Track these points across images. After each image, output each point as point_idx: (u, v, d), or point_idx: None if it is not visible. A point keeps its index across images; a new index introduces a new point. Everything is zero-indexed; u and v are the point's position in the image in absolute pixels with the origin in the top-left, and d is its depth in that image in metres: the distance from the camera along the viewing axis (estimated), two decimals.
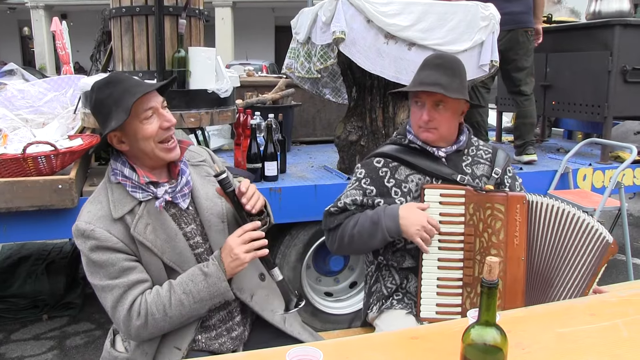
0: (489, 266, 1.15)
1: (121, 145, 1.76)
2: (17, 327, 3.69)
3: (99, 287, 1.71)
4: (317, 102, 4.78)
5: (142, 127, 1.72)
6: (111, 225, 1.70)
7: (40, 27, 22.67)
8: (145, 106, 1.72)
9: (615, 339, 1.55)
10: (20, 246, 4.30)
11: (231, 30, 22.45)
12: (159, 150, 1.75)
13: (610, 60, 4.08)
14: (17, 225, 2.76)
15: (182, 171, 1.84)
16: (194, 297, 1.69)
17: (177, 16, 2.98)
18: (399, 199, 2.08)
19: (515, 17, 3.97)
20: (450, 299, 2.01)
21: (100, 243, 1.68)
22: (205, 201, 1.88)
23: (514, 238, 1.97)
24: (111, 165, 1.79)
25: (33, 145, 2.71)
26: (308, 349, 1.34)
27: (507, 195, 1.98)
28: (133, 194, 1.75)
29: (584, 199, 3.67)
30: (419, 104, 2.09)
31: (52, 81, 4.05)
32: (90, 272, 1.72)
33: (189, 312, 1.71)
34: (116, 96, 1.70)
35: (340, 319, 3.52)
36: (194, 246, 1.83)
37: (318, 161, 4.02)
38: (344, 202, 2.12)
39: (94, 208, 1.74)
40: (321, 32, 3.11)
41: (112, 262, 1.68)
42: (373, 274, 2.26)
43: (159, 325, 1.69)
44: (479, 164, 2.19)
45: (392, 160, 2.14)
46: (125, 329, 1.70)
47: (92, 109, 1.79)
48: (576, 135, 5.82)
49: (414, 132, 2.15)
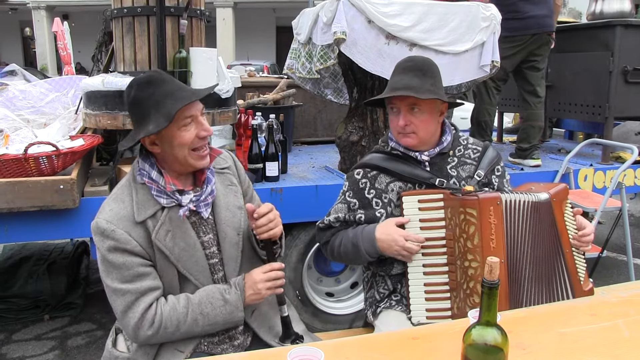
0: (489, 266, 1.14)
1: (153, 147, 1.74)
2: (19, 327, 3.69)
3: (111, 289, 1.69)
4: (318, 102, 4.78)
5: (179, 134, 1.70)
6: (132, 228, 1.68)
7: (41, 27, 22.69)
8: (187, 113, 1.69)
9: (616, 339, 1.55)
10: (22, 246, 4.30)
11: (232, 31, 22.46)
12: (191, 158, 1.74)
13: (611, 60, 4.08)
14: (19, 225, 2.77)
15: (208, 180, 1.82)
16: (209, 319, 1.71)
17: (179, 17, 2.98)
18: (380, 211, 2.08)
19: (540, 20, 3.98)
20: (439, 304, 1.99)
21: (119, 244, 1.66)
22: (225, 211, 1.87)
23: (489, 242, 1.89)
24: (138, 165, 1.77)
25: (34, 146, 2.72)
26: (309, 349, 1.34)
27: (479, 199, 1.90)
28: (157, 198, 1.73)
29: (585, 199, 3.67)
30: (395, 110, 2.08)
31: (54, 82, 4.05)
32: (104, 270, 1.70)
33: (200, 331, 1.73)
34: (157, 98, 1.67)
35: (341, 319, 3.52)
36: (209, 256, 1.82)
37: (319, 161, 4.02)
38: (329, 220, 2.15)
39: (116, 206, 1.71)
40: (322, 33, 3.11)
41: (127, 266, 1.67)
42: (369, 279, 2.27)
43: (168, 336, 1.71)
44: (465, 164, 2.15)
45: (371, 170, 2.13)
46: (134, 335, 1.69)
47: (128, 105, 1.74)
48: (577, 136, 5.81)
49: (395, 139, 2.14)
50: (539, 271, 1.96)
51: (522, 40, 3.97)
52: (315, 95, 3.94)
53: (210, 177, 1.83)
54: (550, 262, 1.98)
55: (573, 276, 2.00)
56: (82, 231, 2.89)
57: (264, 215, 1.80)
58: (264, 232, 1.82)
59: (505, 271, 1.91)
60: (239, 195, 1.96)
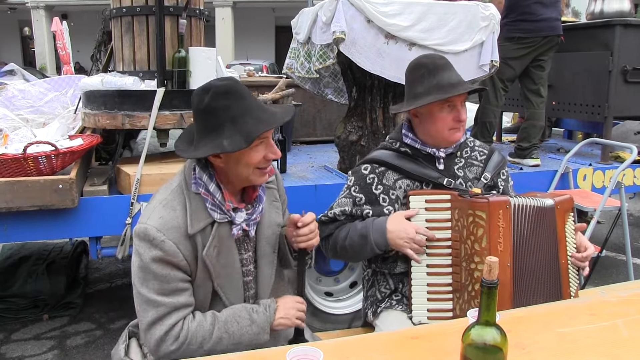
0: (488, 266, 1.14)
1: (216, 160, 1.67)
2: (18, 327, 3.68)
3: (145, 299, 1.63)
4: (317, 102, 4.78)
5: (249, 154, 1.64)
6: (182, 240, 1.62)
7: (40, 27, 22.69)
8: (262, 135, 1.64)
9: (615, 339, 1.55)
10: (21, 246, 4.30)
11: (231, 30, 22.45)
12: (254, 175, 1.69)
13: (610, 60, 4.08)
14: (18, 225, 2.76)
15: (260, 198, 1.78)
16: (234, 338, 1.66)
17: (178, 16, 2.98)
18: (387, 208, 2.07)
19: (552, 23, 3.99)
20: (441, 304, 1.99)
21: (166, 256, 1.60)
22: (268, 229, 1.84)
23: (497, 245, 1.90)
24: (195, 175, 1.69)
25: (34, 145, 2.71)
26: (308, 349, 1.33)
27: (489, 202, 1.91)
28: (212, 212, 1.67)
29: (584, 199, 3.67)
30: (449, 106, 2.04)
31: (53, 81, 4.05)
32: (142, 278, 1.63)
33: (222, 350, 1.65)
34: (234, 113, 1.61)
35: (340, 319, 3.52)
36: (245, 274, 1.80)
37: (318, 161, 4.02)
38: (334, 213, 2.13)
39: (167, 214, 1.64)
40: (321, 32, 3.11)
41: (168, 279, 1.62)
42: (369, 278, 2.27)
43: (190, 353, 1.63)
44: (472, 166, 2.17)
45: (379, 166, 2.13)
46: (155, 348, 1.64)
47: (199, 111, 1.65)
48: (576, 135, 5.82)
49: (440, 137, 2.08)
50: (538, 276, 1.97)
51: (534, 42, 3.99)
52: (314, 94, 3.94)
53: (262, 195, 1.79)
54: (546, 269, 1.99)
55: (564, 288, 2.02)
56: (81, 231, 2.89)
57: (307, 225, 1.79)
58: (304, 242, 1.80)
59: (511, 274, 1.92)
60: (280, 211, 1.94)
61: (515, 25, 3.99)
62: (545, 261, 1.98)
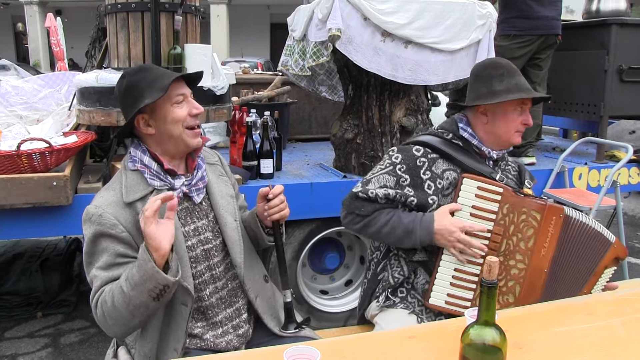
0: (488, 266, 1.14)
1: (147, 128, 1.77)
2: (11, 324, 3.67)
3: (90, 280, 1.69)
4: (313, 99, 4.77)
5: (172, 110, 1.76)
6: (121, 211, 1.70)
7: (34, 23, 22.53)
8: (178, 91, 1.78)
9: (611, 338, 1.55)
10: (14, 243, 4.28)
11: (226, 27, 22.38)
12: (186, 135, 1.78)
13: (606, 59, 4.08)
14: (11, 222, 2.74)
15: (199, 165, 1.87)
16: (130, 283, 1.59)
17: (173, 13, 2.96)
18: (432, 197, 2.03)
19: (549, 22, 3.97)
20: (462, 292, 1.99)
21: (105, 230, 1.66)
22: (220, 199, 1.91)
23: (541, 248, 1.95)
24: (130, 153, 1.81)
25: (27, 142, 2.69)
26: (305, 348, 1.33)
27: (546, 205, 1.95)
28: (151, 181, 1.76)
29: (579, 198, 3.68)
30: (522, 109, 2.09)
31: (47, 77, 4.01)
32: (87, 262, 1.70)
33: (128, 300, 1.58)
34: (150, 79, 1.75)
35: (336, 317, 3.52)
36: (204, 241, 1.83)
37: (314, 159, 4.01)
38: (375, 193, 2.02)
39: (106, 194, 1.75)
40: (317, 30, 3.10)
41: (108, 251, 1.66)
42: (380, 261, 2.21)
43: (112, 316, 1.61)
44: (508, 177, 2.18)
45: (432, 152, 2.09)
46: (95, 317, 1.67)
47: (122, 93, 1.80)
48: (572, 134, 5.83)
49: (506, 137, 2.10)
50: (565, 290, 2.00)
51: (530, 40, 3.97)
52: (310, 92, 3.93)
53: (200, 163, 1.88)
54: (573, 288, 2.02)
55: None
56: (76, 228, 2.86)
57: (277, 196, 1.89)
58: (276, 213, 1.90)
59: (544, 281, 1.97)
60: (229, 185, 2.02)
61: (510, 23, 3.97)
62: (575, 280, 2.01)
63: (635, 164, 4.11)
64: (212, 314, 1.85)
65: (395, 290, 2.14)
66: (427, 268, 2.07)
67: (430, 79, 3.15)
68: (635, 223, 6.27)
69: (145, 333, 1.75)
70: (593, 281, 2.01)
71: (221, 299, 1.87)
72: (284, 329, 1.93)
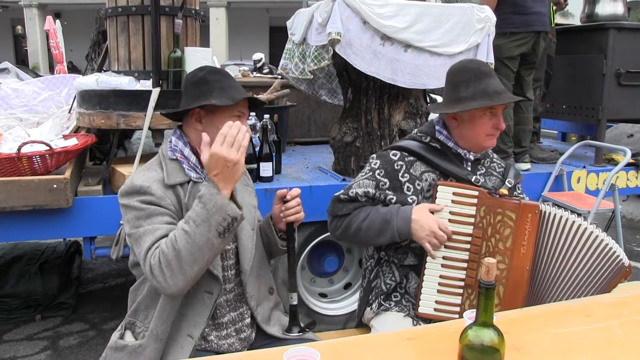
0: (486, 267, 1.15)
1: (197, 124, 1.85)
2: (10, 327, 3.67)
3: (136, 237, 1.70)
4: (312, 102, 4.77)
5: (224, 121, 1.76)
6: (165, 190, 1.76)
7: (33, 25, 22.56)
8: (242, 108, 1.87)
9: (609, 340, 1.56)
10: (13, 246, 4.27)
11: (225, 31, 22.43)
12: None
13: (604, 63, 4.09)
14: (11, 224, 2.75)
15: None
16: (194, 221, 1.62)
17: (174, 16, 2.98)
18: (412, 197, 2.07)
19: (542, 18, 3.91)
20: (450, 298, 2.01)
21: (155, 200, 1.73)
22: (243, 207, 1.88)
23: (521, 247, 1.96)
24: (171, 142, 1.86)
25: (28, 145, 2.70)
26: (305, 349, 1.34)
27: (520, 203, 1.97)
28: (188, 172, 1.83)
29: (578, 201, 3.69)
30: (491, 113, 2.08)
31: (47, 80, 4.03)
32: (134, 225, 1.72)
33: (193, 239, 1.61)
34: (224, 85, 1.83)
35: (335, 320, 3.52)
36: None
37: (313, 162, 4.02)
38: (355, 192, 2.09)
39: (148, 173, 1.80)
40: (317, 33, 3.11)
41: (158, 215, 1.72)
42: (373, 268, 2.24)
43: (172, 265, 1.62)
44: (492, 176, 2.20)
45: (409, 155, 2.13)
46: (149, 273, 1.65)
47: (194, 82, 1.86)
48: (570, 138, 5.84)
49: (476, 141, 2.12)
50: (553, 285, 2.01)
51: (527, 37, 3.92)
52: (309, 95, 3.94)
53: None
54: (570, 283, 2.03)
55: None
56: (76, 231, 2.88)
57: (294, 198, 1.94)
58: (292, 215, 1.95)
59: (528, 279, 1.98)
60: (253, 196, 2.08)
61: (505, 20, 3.89)
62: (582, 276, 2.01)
63: (633, 167, 4.13)
64: (219, 314, 1.88)
65: (388, 296, 2.16)
66: (418, 272, 2.09)
67: (430, 82, 3.16)
68: (634, 226, 6.28)
69: (163, 313, 1.77)
70: None
71: (227, 301, 1.91)
72: (287, 331, 1.95)
